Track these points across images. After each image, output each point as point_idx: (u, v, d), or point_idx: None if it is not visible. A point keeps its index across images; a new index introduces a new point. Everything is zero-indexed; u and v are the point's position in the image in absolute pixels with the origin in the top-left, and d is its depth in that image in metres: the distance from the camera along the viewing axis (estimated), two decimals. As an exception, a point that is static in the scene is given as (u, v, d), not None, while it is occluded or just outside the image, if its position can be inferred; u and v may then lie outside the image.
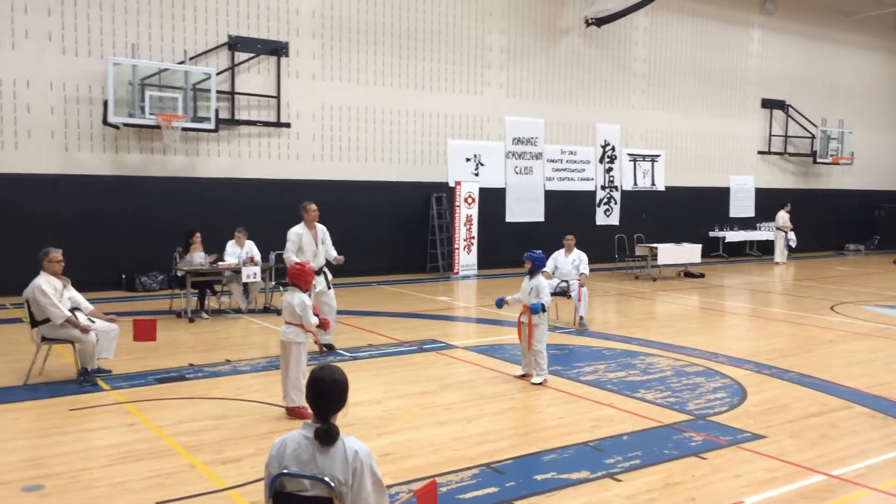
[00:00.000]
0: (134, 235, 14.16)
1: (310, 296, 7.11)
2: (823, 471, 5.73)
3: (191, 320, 11.55)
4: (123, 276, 14.22)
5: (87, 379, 7.81)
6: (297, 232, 9.36)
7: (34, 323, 7.82)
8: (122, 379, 8.06)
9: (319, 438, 3.24)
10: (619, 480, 5.49)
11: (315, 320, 6.86)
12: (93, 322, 7.98)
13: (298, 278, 6.96)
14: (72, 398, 7.33)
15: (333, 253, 9.68)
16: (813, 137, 24.69)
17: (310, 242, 9.38)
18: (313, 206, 9.52)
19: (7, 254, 12.80)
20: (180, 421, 6.70)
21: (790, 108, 24.52)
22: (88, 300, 8.32)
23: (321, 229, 9.60)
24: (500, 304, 8.43)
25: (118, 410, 7.02)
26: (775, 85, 24.27)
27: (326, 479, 3.19)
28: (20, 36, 13.18)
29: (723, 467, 5.77)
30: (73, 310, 7.89)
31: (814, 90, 25.21)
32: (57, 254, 8.00)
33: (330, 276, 9.61)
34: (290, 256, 9.12)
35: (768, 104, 24.14)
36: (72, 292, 8.07)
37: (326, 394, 3.32)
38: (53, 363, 8.45)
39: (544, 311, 8.14)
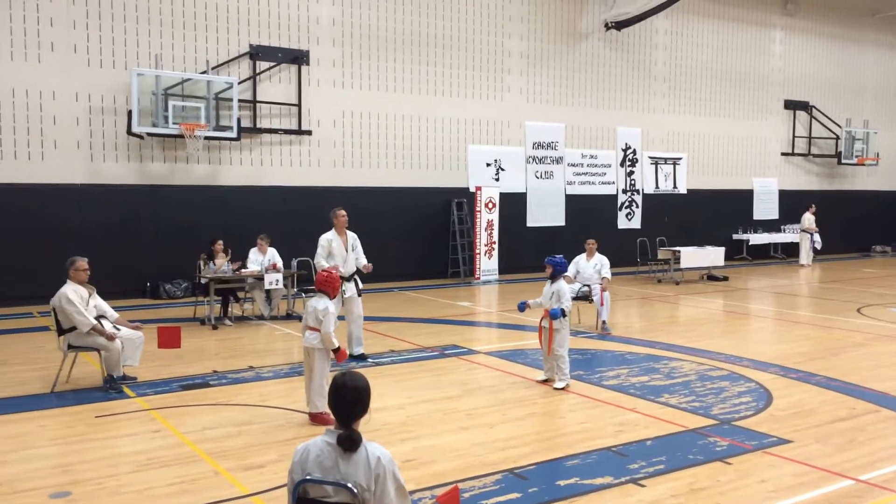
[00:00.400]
0: (158, 244, 14.33)
1: (337, 302, 7.08)
2: (851, 475, 5.65)
3: (214, 327, 11.65)
4: (148, 284, 14.37)
5: (112, 386, 7.89)
6: (327, 238, 9.42)
7: (61, 331, 7.93)
8: (147, 386, 8.15)
9: (342, 444, 3.24)
10: (642, 486, 5.45)
11: (335, 343, 6.79)
12: (118, 330, 8.07)
13: (326, 284, 6.98)
14: (98, 405, 7.42)
15: (363, 261, 9.67)
16: (837, 138, 24.41)
17: (340, 248, 9.43)
18: (342, 212, 9.57)
19: (34, 263, 13.00)
20: (204, 427, 6.75)
21: (814, 109, 24.26)
22: (114, 308, 8.43)
23: (352, 236, 9.63)
24: (523, 307, 8.43)
25: (143, 417, 7.09)
26: (798, 86, 24.03)
27: (349, 485, 3.19)
28: (46, 48, 13.39)
29: (749, 472, 5.71)
30: (98, 318, 7.98)
31: (838, 90, 24.93)
32: (83, 262, 8.11)
33: (360, 284, 9.64)
34: (320, 262, 9.19)
35: (791, 105, 23.90)
36: (97, 300, 8.17)
37: (349, 400, 3.32)
38: (80, 371, 8.55)
39: (564, 316, 8.11)
